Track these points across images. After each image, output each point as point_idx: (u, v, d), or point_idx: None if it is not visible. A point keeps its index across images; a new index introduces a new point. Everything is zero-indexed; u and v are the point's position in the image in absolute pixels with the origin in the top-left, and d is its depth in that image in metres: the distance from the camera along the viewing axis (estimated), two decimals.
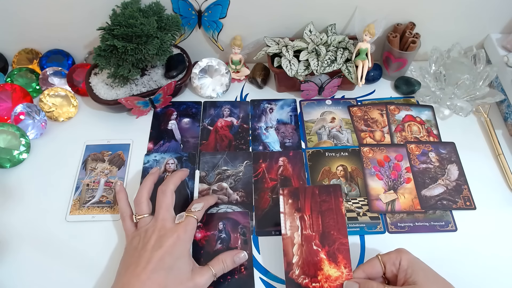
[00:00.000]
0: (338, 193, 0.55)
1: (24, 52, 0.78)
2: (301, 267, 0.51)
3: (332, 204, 0.54)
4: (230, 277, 0.55)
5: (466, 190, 0.64)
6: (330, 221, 0.53)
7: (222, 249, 0.58)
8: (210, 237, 0.59)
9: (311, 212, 0.54)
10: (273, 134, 0.72)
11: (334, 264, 0.51)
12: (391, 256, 0.48)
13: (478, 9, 0.73)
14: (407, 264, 0.47)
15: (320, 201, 0.55)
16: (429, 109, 0.75)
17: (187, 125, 0.73)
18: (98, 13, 0.69)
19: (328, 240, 0.52)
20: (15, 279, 0.56)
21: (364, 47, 0.68)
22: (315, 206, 0.55)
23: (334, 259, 0.51)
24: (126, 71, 0.66)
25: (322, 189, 0.56)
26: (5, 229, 0.60)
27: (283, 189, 0.57)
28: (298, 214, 0.54)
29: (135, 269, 0.47)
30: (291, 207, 0.55)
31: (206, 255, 0.57)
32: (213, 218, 0.61)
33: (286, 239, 0.53)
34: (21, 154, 0.67)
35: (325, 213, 0.54)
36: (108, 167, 0.67)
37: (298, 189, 0.56)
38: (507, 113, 0.73)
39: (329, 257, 0.51)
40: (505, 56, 0.73)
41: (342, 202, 0.54)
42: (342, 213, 0.54)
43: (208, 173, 0.66)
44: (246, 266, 0.56)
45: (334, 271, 0.51)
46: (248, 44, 0.77)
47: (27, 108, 0.69)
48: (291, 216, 0.54)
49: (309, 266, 0.51)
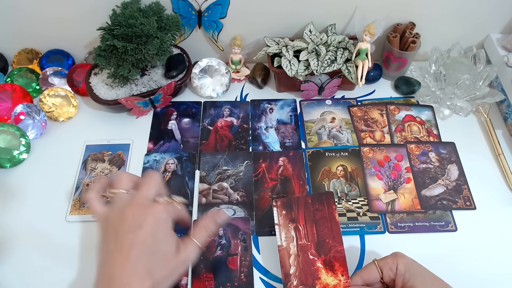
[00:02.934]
0: (331, 200, 0.55)
1: (24, 52, 0.78)
2: (299, 277, 0.51)
3: (325, 213, 0.55)
4: (230, 285, 0.55)
5: (466, 190, 0.64)
6: (324, 230, 0.54)
7: (222, 255, 0.58)
8: (210, 243, 0.58)
9: (305, 222, 0.54)
10: (273, 134, 0.72)
11: (331, 272, 0.51)
12: (388, 261, 0.48)
13: (478, 9, 0.73)
14: (404, 269, 0.46)
15: (313, 210, 0.55)
16: (429, 109, 0.75)
17: (187, 125, 0.73)
18: (98, 13, 0.69)
19: (323, 248, 0.53)
20: (15, 279, 0.56)
21: (364, 47, 0.68)
22: (309, 215, 0.55)
23: (331, 267, 0.51)
24: (126, 71, 0.66)
25: (314, 198, 0.56)
26: (5, 229, 0.60)
27: (276, 200, 0.56)
28: (292, 225, 0.55)
29: (117, 257, 0.43)
30: (285, 218, 0.55)
31: (205, 261, 0.57)
32: None
33: (282, 250, 0.53)
34: (21, 154, 0.67)
35: (319, 222, 0.54)
36: (108, 167, 0.67)
37: (291, 200, 0.56)
38: (507, 113, 0.72)
39: (326, 266, 0.52)
40: (505, 56, 0.73)
41: (335, 209, 0.55)
42: (336, 221, 0.54)
43: (209, 173, 0.66)
44: (246, 274, 0.56)
45: (331, 280, 0.51)
46: (248, 44, 0.77)
47: (27, 108, 0.69)
48: (286, 227, 0.54)
49: (306, 276, 0.51)
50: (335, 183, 0.65)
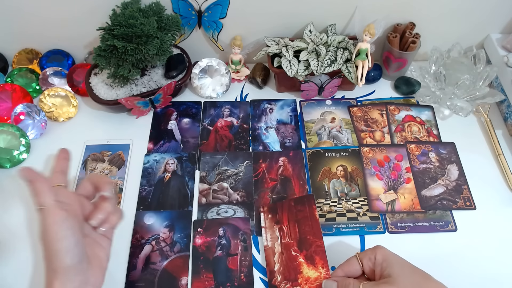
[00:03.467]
0: (312, 201, 0.60)
1: (24, 52, 0.78)
2: (283, 273, 0.55)
3: (307, 213, 0.59)
4: (230, 284, 0.55)
5: (466, 190, 0.64)
6: (306, 228, 0.58)
7: (222, 255, 0.58)
8: (210, 243, 0.59)
9: (289, 222, 0.59)
10: (273, 134, 0.72)
11: (312, 266, 0.54)
12: (367, 253, 0.49)
13: (478, 9, 0.73)
14: (382, 258, 0.48)
15: (296, 211, 0.59)
16: (429, 109, 0.75)
17: (187, 125, 0.73)
18: (98, 13, 0.69)
19: (305, 244, 0.56)
20: (15, 279, 0.56)
21: (364, 47, 0.68)
22: (292, 216, 0.59)
23: (312, 261, 0.55)
24: (126, 71, 0.66)
25: (297, 200, 0.61)
26: (5, 229, 0.60)
27: (263, 206, 0.61)
28: (277, 226, 0.59)
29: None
30: (271, 221, 0.59)
31: (205, 261, 0.57)
32: (213, 224, 0.60)
33: (268, 249, 0.57)
34: (21, 154, 0.67)
35: (301, 221, 0.58)
36: (108, 167, 0.67)
37: (276, 205, 0.61)
38: (507, 113, 0.73)
39: (307, 260, 0.55)
40: (505, 56, 0.73)
41: (315, 209, 0.59)
42: (316, 219, 0.58)
43: (209, 173, 0.66)
44: (245, 274, 0.56)
45: (313, 273, 0.54)
46: (248, 44, 0.77)
47: (27, 108, 0.69)
48: (271, 229, 0.59)
49: (289, 271, 0.54)
50: (335, 183, 0.65)
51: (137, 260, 0.57)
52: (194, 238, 0.59)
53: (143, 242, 0.59)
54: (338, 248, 0.59)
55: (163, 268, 0.56)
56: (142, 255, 0.57)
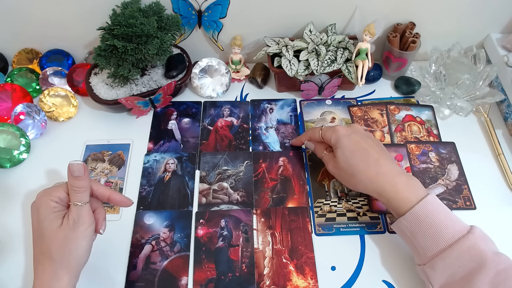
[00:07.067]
0: (305, 214, 0.61)
1: (24, 52, 0.78)
2: (272, 278, 0.55)
3: (300, 224, 0.60)
4: (231, 275, 0.56)
5: (466, 190, 0.64)
6: (298, 238, 0.59)
7: (223, 246, 0.58)
8: (212, 234, 0.59)
9: (281, 230, 0.60)
10: (273, 134, 0.72)
11: (302, 276, 0.56)
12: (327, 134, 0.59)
13: (478, 9, 0.73)
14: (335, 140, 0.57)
15: (289, 220, 0.61)
16: (429, 109, 0.75)
17: (187, 125, 0.73)
18: (98, 13, 0.69)
19: (296, 254, 0.58)
20: (15, 279, 0.56)
21: (364, 47, 0.68)
22: (285, 224, 0.60)
23: (302, 271, 0.56)
24: (126, 71, 0.66)
25: (291, 210, 0.62)
26: (5, 229, 0.60)
27: (256, 209, 0.62)
28: (269, 231, 0.60)
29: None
30: (264, 224, 0.60)
31: (207, 251, 0.58)
32: (215, 216, 0.61)
33: (258, 252, 0.58)
34: (21, 154, 0.67)
35: (294, 231, 0.60)
36: (108, 167, 0.67)
37: (270, 210, 0.62)
38: (507, 113, 0.73)
39: (297, 269, 0.56)
40: (505, 56, 0.73)
41: (309, 222, 0.61)
42: (309, 231, 0.60)
43: (209, 173, 0.66)
44: (247, 264, 0.56)
45: (301, 282, 0.55)
46: (248, 44, 0.77)
47: (27, 108, 0.69)
48: (263, 233, 0.60)
49: (279, 277, 0.55)
50: (335, 183, 0.65)
51: (137, 260, 0.57)
52: (196, 229, 0.60)
53: (143, 242, 0.59)
54: (338, 248, 0.59)
55: (163, 268, 0.56)
56: (142, 255, 0.58)
